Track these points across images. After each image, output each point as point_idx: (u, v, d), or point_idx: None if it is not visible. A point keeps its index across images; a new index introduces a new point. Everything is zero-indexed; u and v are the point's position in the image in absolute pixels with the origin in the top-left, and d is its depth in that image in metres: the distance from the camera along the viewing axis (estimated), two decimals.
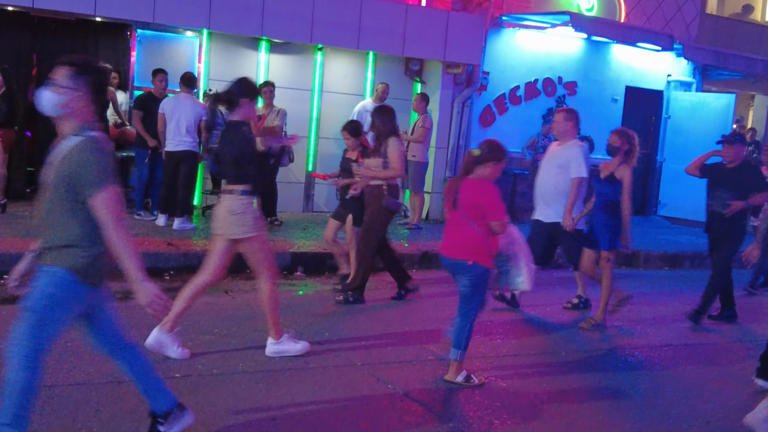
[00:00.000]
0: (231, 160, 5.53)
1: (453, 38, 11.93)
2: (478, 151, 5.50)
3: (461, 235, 5.41)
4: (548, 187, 7.69)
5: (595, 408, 5.31)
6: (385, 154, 7.49)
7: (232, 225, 5.53)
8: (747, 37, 16.92)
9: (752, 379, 5.99)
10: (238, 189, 5.53)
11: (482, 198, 5.36)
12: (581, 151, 7.60)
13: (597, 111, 14.28)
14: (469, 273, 5.39)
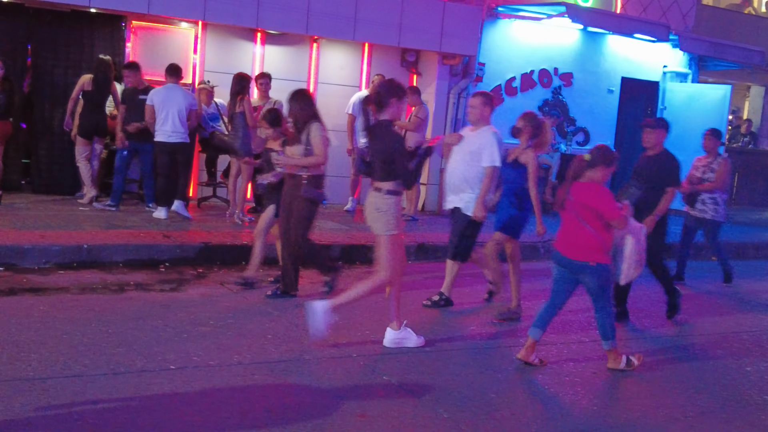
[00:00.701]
0: (381, 157, 5.86)
1: (449, 29, 11.91)
2: (589, 156, 5.76)
3: (578, 237, 5.71)
4: (458, 174, 7.15)
5: (592, 399, 5.32)
6: (308, 141, 6.94)
7: (375, 221, 5.91)
8: (744, 28, 16.94)
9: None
10: (384, 187, 5.86)
11: (594, 200, 5.64)
12: (495, 138, 7.05)
13: (593, 102, 14.29)
14: (594, 274, 5.70)
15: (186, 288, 7.34)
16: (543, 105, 13.73)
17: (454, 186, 7.23)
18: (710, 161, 9.35)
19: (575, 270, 5.77)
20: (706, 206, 9.40)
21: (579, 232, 5.68)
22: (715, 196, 9.37)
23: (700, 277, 9.93)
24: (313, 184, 7.04)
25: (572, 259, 5.73)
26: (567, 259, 5.78)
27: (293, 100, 7.08)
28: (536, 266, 9.85)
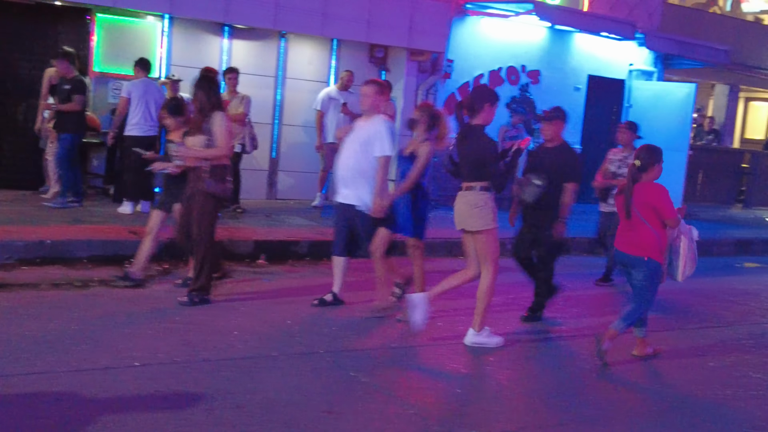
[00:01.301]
0: (474, 160, 6.14)
1: (418, 25, 11.91)
2: (639, 162, 6.02)
3: (637, 234, 6.01)
4: (349, 166, 6.77)
5: (558, 394, 5.36)
6: (210, 131, 6.56)
7: (472, 218, 6.13)
8: (709, 27, 17.16)
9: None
10: (477, 185, 6.14)
11: (654, 199, 5.94)
12: (386, 128, 6.72)
13: (560, 100, 14.31)
14: (644, 268, 6.00)
15: (152, 284, 7.28)
16: (511, 102, 13.80)
17: (346, 179, 6.80)
18: (626, 155, 8.68)
19: (630, 264, 6.10)
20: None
21: (639, 230, 6.00)
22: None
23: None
24: (216, 178, 6.60)
25: (629, 254, 6.08)
26: (625, 255, 6.13)
27: (198, 86, 6.69)
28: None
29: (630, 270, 6.12)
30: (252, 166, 11.47)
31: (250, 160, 11.29)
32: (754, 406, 5.44)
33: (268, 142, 11.84)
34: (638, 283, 6.10)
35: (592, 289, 8.90)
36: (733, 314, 8.19)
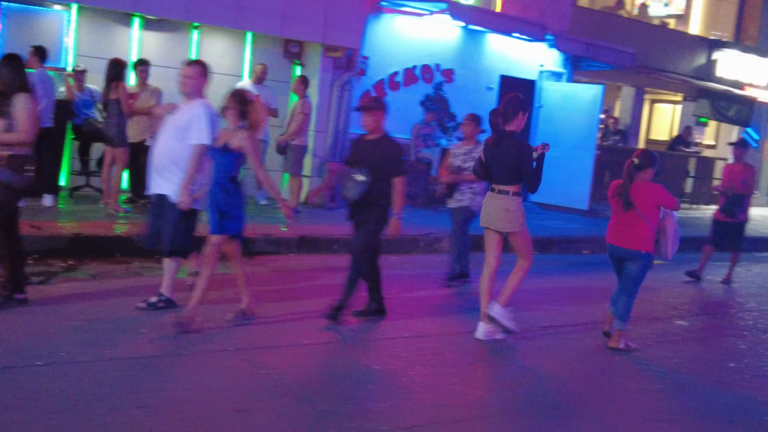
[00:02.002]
0: (509, 163, 6.51)
1: (333, 21, 11.87)
2: (637, 161, 6.67)
3: (634, 229, 6.65)
4: (163, 152, 6.30)
5: (466, 390, 5.42)
6: (10, 115, 5.97)
7: (505, 221, 6.53)
8: (617, 30, 17.61)
9: None
10: (510, 190, 6.54)
11: (659, 197, 6.64)
12: (206, 113, 6.26)
13: (473, 99, 14.55)
14: (642, 260, 6.63)
15: (56, 281, 7.05)
16: (425, 100, 13.91)
17: (160, 166, 6.32)
18: (470, 148, 8.36)
19: (628, 257, 6.69)
20: (464, 196, 8.34)
21: (636, 226, 6.62)
22: (474, 187, 8.29)
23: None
24: (13, 167, 5.99)
25: (627, 248, 6.66)
26: (619, 249, 6.73)
27: (3, 65, 6.14)
28: (417, 260, 9.97)
29: (626, 262, 6.72)
30: None
31: None
32: (660, 398, 5.63)
33: None
34: (633, 274, 6.69)
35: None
36: (637, 310, 8.44)
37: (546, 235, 11.93)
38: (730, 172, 10.51)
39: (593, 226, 13.45)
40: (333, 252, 9.64)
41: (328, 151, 12.50)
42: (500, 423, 4.91)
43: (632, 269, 6.70)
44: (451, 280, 8.49)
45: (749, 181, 10.31)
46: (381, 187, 6.52)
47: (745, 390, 6.03)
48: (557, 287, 9.10)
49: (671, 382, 6.11)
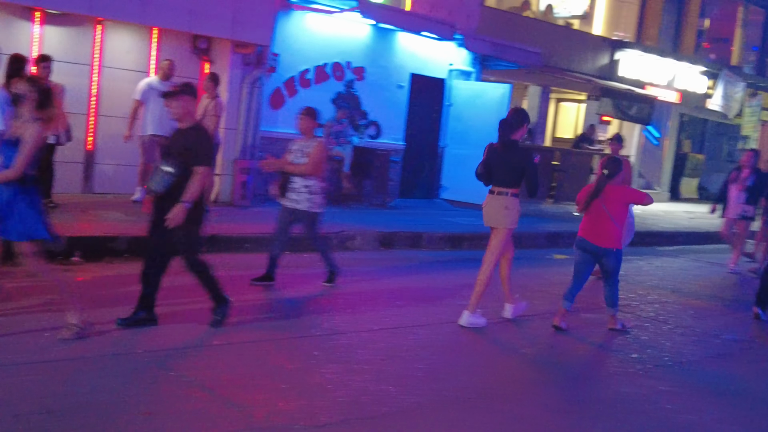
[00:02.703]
0: (513, 168, 7.23)
1: (242, 17, 11.73)
2: (607, 171, 7.39)
3: (606, 229, 7.36)
4: None
5: (378, 387, 5.45)
6: None
7: (504, 218, 7.29)
8: (524, 30, 17.96)
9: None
10: (509, 191, 7.27)
11: (628, 196, 7.57)
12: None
13: (384, 97, 14.65)
14: (615, 256, 7.43)
15: None
16: (336, 98, 13.90)
17: None
18: (305, 144, 8.07)
19: (600, 254, 7.43)
20: (300, 196, 7.97)
21: (607, 225, 7.34)
22: (310, 184, 7.96)
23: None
24: None
25: (600, 246, 7.38)
26: (595, 246, 7.41)
27: None
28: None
29: (602, 258, 7.46)
30: (66, 158, 10.88)
31: (64, 152, 10.72)
32: (563, 388, 5.78)
33: (84, 133, 11.30)
34: (611, 268, 7.49)
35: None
36: (542, 303, 8.64)
37: (457, 231, 12.09)
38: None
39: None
40: (245, 251, 9.55)
41: (239, 149, 12.36)
42: (411, 418, 4.95)
43: (609, 264, 7.47)
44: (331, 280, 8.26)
45: (625, 176, 10.44)
46: (188, 180, 6.08)
47: (647, 380, 6.25)
48: (468, 283, 9.21)
49: (574, 373, 6.29)
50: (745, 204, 12.17)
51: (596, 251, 7.44)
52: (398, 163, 14.86)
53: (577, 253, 7.62)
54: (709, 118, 23.89)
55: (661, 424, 5.34)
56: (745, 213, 12.25)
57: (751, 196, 12.18)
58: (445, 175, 15.93)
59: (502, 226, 7.33)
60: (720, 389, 6.22)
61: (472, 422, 4.98)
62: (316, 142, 8.05)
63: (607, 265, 7.48)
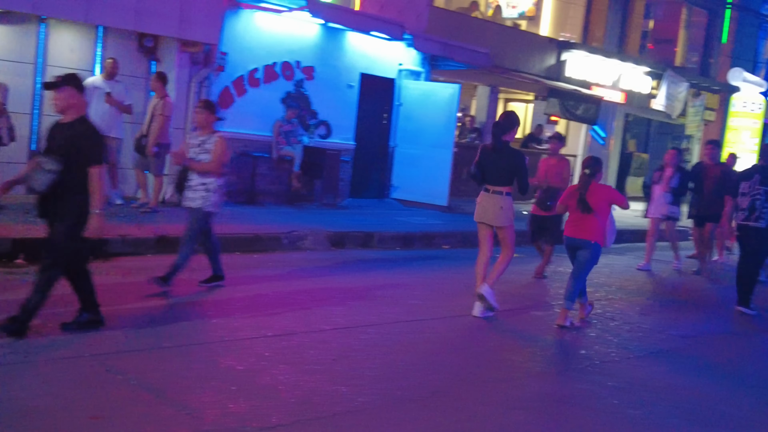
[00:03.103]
0: (506, 169, 7.76)
1: (189, 15, 11.58)
2: (589, 170, 7.77)
3: (588, 223, 7.71)
4: None
5: (330, 387, 5.44)
6: None
7: (499, 217, 7.77)
8: (472, 31, 18.07)
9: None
10: (504, 190, 7.78)
11: (612, 195, 7.90)
12: None
13: (334, 96, 14.62)
14: (593, 249, 7.71)
15: None
16: (286, 97, 13.83)
17: None
18: (204, 139, 7.66)
19: (581, 246, 7.75)
20: (196, 193, 7.61)
21: (589, 220, 7.69)
22: (208, 182, 7.58)
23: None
24: None
25: (581, 239, 7.72)
26: (576, 240, 7.77)
27: None
28: (278, 257, 9.92)
29: (579, 250, 7.77)
30: (9, 158, 10.64)
31: (8, 153, 10.48)
32: (517, 386, 5.83)
33: (28, 133, 11.06)
34: (584, 260, 7.75)
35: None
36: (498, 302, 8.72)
37: (408, 231, 12.12)
38: (546, 165, 10.34)
39: (452, 221, 13.79)
40: (193, 252, 9.43)
41: None
42: (363, 418, 4.95)
43: (583, 256, 7.74)
44: (165, 281, 7.38)
45: (564, 174, 10.26)
46: (74, 178, 5.75)
47: (595, 376, 6.34)
48: (419, 282, 9.27)
49: (526, 370, 6.34)
50: (671, 204, 12.01)
51: (577, 244, 7.78)
52: (349, 162, 14.84)
53: (568, 253, 8.01)
54: (654, 118, 24.32)
55: (609, 419, 5.42)
56: (672, 214, 12.08)
57: (676, 197, 12.06)
58: (395, 175, 15.96)
59: (499, 224, 7.84)
60: (665, 384, 6.33)
61: (425, 421, 5.00)
62: (217, 137, 7.65)
63: (582, 256, 7.75)
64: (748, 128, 23.68)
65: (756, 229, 9.13)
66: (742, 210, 9.25)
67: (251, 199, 13.17)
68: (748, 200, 9.18)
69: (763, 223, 9.09)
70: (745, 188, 9.27)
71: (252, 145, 13.37)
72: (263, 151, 13.41)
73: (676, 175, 11.92)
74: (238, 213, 11.93)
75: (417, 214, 14.14)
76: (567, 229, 7.94)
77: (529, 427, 5.13)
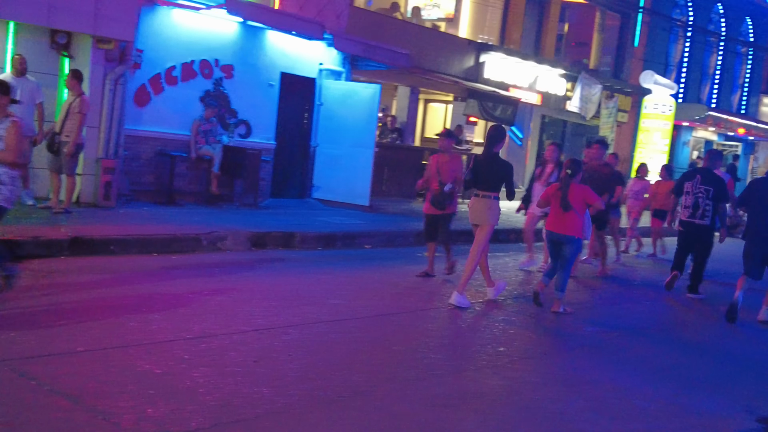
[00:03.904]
0: (496, 176, 8.78)
1: (104, 11, 11.30)
2: (570, 171, 8.61)
3: (569, 220, 8.62)
4: None
5: (251, 389, 5.39)
6: None
7: (487, 216, 8.76)
8: (393, 31, 18.18)
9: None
10: (492, 195, 8.78)
11: (587, 195, 8.67)
12: None
13: (255, 95, 14.49)
14: (574, 244, 8.70)
15: None
16: (204, 96, 13.65)
17: None
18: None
19: (564, 241, 8.66)
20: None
21: (570, 217, 8.60)
22: (2, 173, 6.68)
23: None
24: None
25: (564, 234, 8.66)
26: (559, 235, 8.70)
27: None
28: (198, 259, 9.78)
29: (562, 245, 8.67)
30: None
31: None
32: (438, 383, 5.88)
33: None
34: (568, 255, 8.66)
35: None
36: (419, 301, 8.78)
37: (330, 231, 12.10)
38: (438, 163, 9.90)
39: (374, 221, 13.83)
40: (110, 253, 9.23)
41: (102, 148, 11.92)
42: (285, 420, 4.92)
43: (567, 251, 8.66)
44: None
45: (457, 171, 9.87)
46: None
47: (514, 372, 6.45)
48: (341, 282, 9.26)
49: (446, 368, 6.40)
50: None
51: (560, 239, 8.70)
52: (270, 162, 14.73)
53: (548, 243, 9.11)
54: (569, 119, 24.89)
55: (528, 414, 5.52)
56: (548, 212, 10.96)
57: None
58: (317, 175, 15.92)
59: (486, 224, 8.74)
60: (582, 379, 6.48)
61: (347, 421, 5.00)
62: (10, 122, 6.67)
63: (566, 251, 8.66)
64: (659, 129, 24.48)
65: (701, 227, 10.40)
66: (687, 207, 10.47)
67: (170, 200, 12.95)
68: (692, 198, 10.40)
69: (708, 221, 10.36)
70: (688, 188, 10.49)
71: (170, 145, 13.15)
72: (182, 150, 13.21)
73: (555, 171, 11.24)
74: (156, 213, 11.71)
75: (339, 214, 14.13)
76: (549, 225, 8.93)
77: (450, 424, 5.18)
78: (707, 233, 10.50)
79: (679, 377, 6.90)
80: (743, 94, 33.24)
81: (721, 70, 31.35)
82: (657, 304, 10.52)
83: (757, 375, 7.35)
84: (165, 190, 13.01)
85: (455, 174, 9.88)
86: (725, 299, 9.88)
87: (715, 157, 11.19)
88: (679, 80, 28.33)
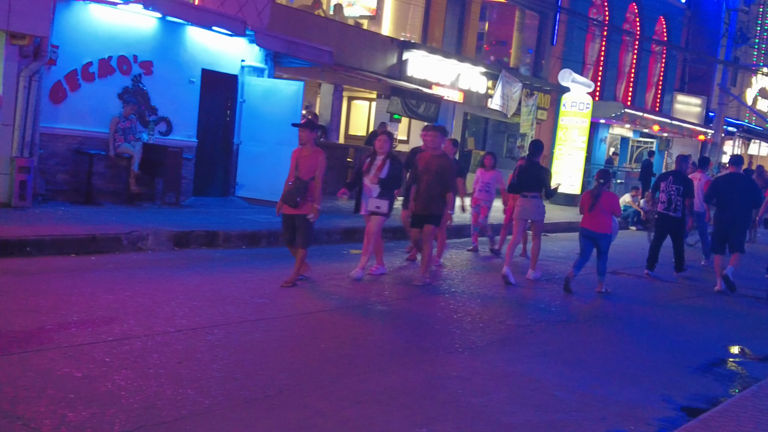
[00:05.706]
0: (536, 180, 11.16)
1: (17, 6, 10.96)
2: (603, 180, 10.71)
3: (601, 220, 10.60)
4: None
5: (174, 390, 5.32)
6: None
7: (537, 213, 11.24)
8: (315, 28, 18.13)
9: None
10: (537, 195, 11.20)
11: (614, 203, 10.72)
12: None
13: (175, 92, 14.26)
14: (607, 239, 10.71)
15: None
16: (123, 92, 13.37)
17: None
18: None
19: (598, 238, 10.63)
20: None
21: (603, 217, 10.58)
22: None
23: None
24: None
25: (599, 232, 10.62)
26: (595, 233, 10.63)
27: None
28: (119, 258, 9.59)
29: (598, 241, 10.61)
30: None
31: None
32: (362, 381, 5.91)
33: None
34: (604, 247, 10.66)
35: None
36: (340, 299, 8.78)
37: (254, 229, 12.01)
38: (298, 157, 9.10)
39: None
40: (25, 255, 8.97)
41: (17, 147, 11.56)
42: (210, 421, 4.87)
43: (603, 244, 10.66)
44: None
45: (317, 168, 8.98)
46: None
47: (440, 367, 6.53)
48: (265, 280, 9.20)
49: (371, 365, 6.44)
50: (380, 198, 10.10)
51: (595, 236, 10.63)
52: (191, 160, 14.52)
53: (582, 239, 10.79)
54: (491, 117, 25.24)
55: (452, 408, 5.60)
56: (377, 209, 10.16)
57: (386, 189, 10.07)
58: (240, 173, 15.76)
59: (534, 218, 11.31)
60: (505, 372, 6.60)
61: (273, 420, 4.98)
62: None
63: (602, 245, 10.64)
64: (577, 126, 25.01)
65: (674, 218, 12.72)
66: (662, 203, 12.81)
67: (88, 199, 12.64)
68: (666, 195, 12.75)
69: (679, 214, 12.67)
70: (663, 187, 12.87)
71: (88, 143, 12.85)
72: (100, 148, 12.92)
73: (387, 163, 9.97)
74: (73, 213, 11.43)
75: (263, 212, 14.02)
76: (585, 222, 10.73)
77: (375, 420, 5.21)
78: (679, 223, 12.82)
79: (598, 368, 7.09)
80: (658, 92, 34.26)
81: (637, 69, 32.22)
82: (583, 297, 10.79)
83: (669, 364, 7.59)
84: (83, 189, 12.69)
85: (314, 170, 8.92)
86: (640, 290, 10.17)
87: (683, 160, 13.45)
88: (596, 78, 29.01)
